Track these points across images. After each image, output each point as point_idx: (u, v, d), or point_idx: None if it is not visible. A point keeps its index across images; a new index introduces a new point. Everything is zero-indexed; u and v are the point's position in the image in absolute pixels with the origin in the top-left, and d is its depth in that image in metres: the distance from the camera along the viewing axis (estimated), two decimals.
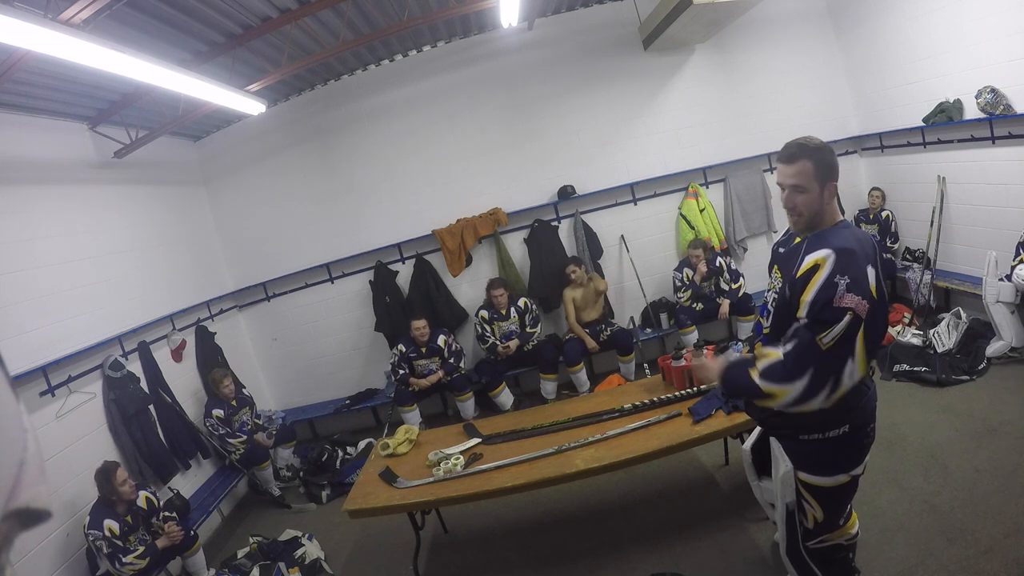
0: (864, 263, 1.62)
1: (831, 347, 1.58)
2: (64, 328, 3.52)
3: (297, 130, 5.48)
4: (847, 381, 1.60)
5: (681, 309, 5.10)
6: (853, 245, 1.65)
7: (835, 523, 1.92)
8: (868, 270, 1.61)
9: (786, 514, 1.97)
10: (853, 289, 1.57)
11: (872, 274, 1.62)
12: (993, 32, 3.82)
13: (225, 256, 5.60)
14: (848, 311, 1.56)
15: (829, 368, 1.59)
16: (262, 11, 3.52)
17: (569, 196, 5.36)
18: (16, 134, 3.54)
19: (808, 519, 1.91)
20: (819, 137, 1.77)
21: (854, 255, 1.62)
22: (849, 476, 1.80)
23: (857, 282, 1.58)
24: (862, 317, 1.57)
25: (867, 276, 1.60)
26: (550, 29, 5.32)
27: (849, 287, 1.57)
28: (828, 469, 1.80)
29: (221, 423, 4.36)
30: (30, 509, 0.42)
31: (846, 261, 1.60)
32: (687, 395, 3.07)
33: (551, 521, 3.37)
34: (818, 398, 1.61)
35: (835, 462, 1.79)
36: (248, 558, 3.51)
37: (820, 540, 1.95)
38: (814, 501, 1.86)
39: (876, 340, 1.71)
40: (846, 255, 1.61)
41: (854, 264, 1.60)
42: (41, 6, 2.31)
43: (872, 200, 5.32)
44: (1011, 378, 3.61)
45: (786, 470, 1.89)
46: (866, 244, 1.69)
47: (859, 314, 1.57)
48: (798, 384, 1.61)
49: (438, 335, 4.93)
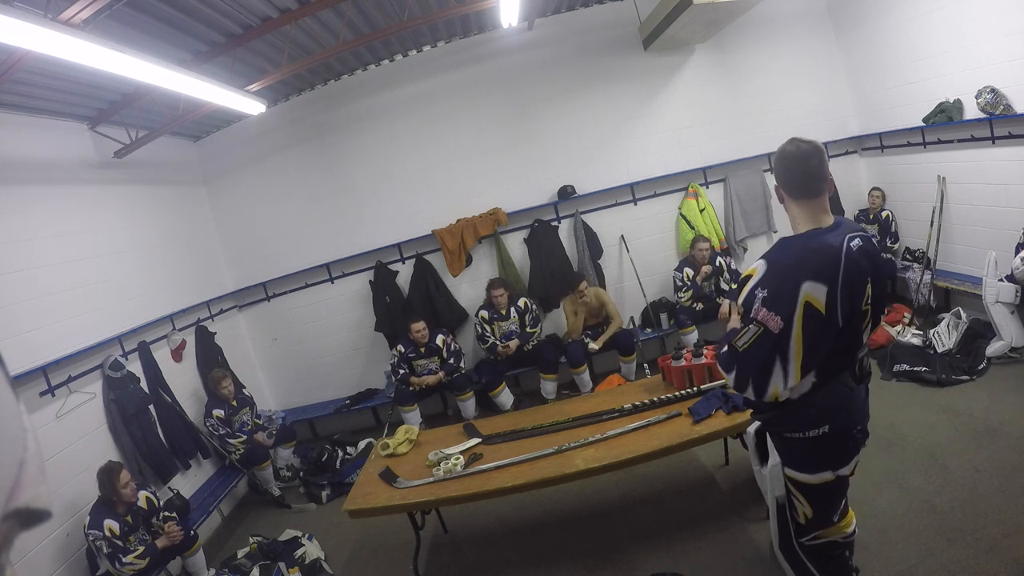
0: (799, 278, 1.58)
1: (746, 350, 1.66)
2: (64, 328, 3.52)
3: (297, 130, 5.48)
4: (777, 385, 1.64)
5: (681, 309, 5.10)
6: (791, 259, 1.64)
7: (827, 520, 1.92)
8: (803, 285, 1.57)
9: (776, 508, 1.99)
10: (767, 304, 1.61)
11: (818, 289, 1.57)
12: (993, 32, 3.82)
13: (225, 256, 5.61)
14: (757, 324, 1.62)
15: (747, 369, 1.68)
16: (262, 11, 3.52)
17: (569, 196, 5.36)
18: (16, 134, 3.54)
19: (799, 514, 1.92)
20: (814, 138, 1.74)
21: (786, 269, 1.62)
22: (834, 475, 1.80)
23: (775, 298, 1.60)
24: (772, 332, 1.60)
25: (794, 292, 1.57)
26: (550, 29, 5.32)
27: (764, 301, 1.62)
28: (811, 467, 1.81)
29: (221, 423, 4.36)
30: (30, 509, 0.42)
31: (772, 274, 1.65)
32: (687, 395, 3.07)
33: (551, 521, 3.37)
34: (748, 392, 1.70)
35: (817, 460, 1.80)
36: (248, 558, 3.51)
37: (814, 537, 1.95)
38: (802, 497, 1.88)
39: (847, 349, 1.71)
40: (775, 268, 1.65)
41: (780, 278, 1.62)
42: (41, 6, 2.31)
43: (872, 200, 5.32)
44: (1011, 378, 3.61)
45: (774, 464, 1.92)
46: (815, 259, 1.61)
47: (769, 328, 1.60)
48: (730, 376, 1.74)
49: (437, 335, 4.93)
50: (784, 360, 1.62)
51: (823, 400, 1.72)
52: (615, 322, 5.01)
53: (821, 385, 1.71)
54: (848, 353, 1.73)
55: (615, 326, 4.99)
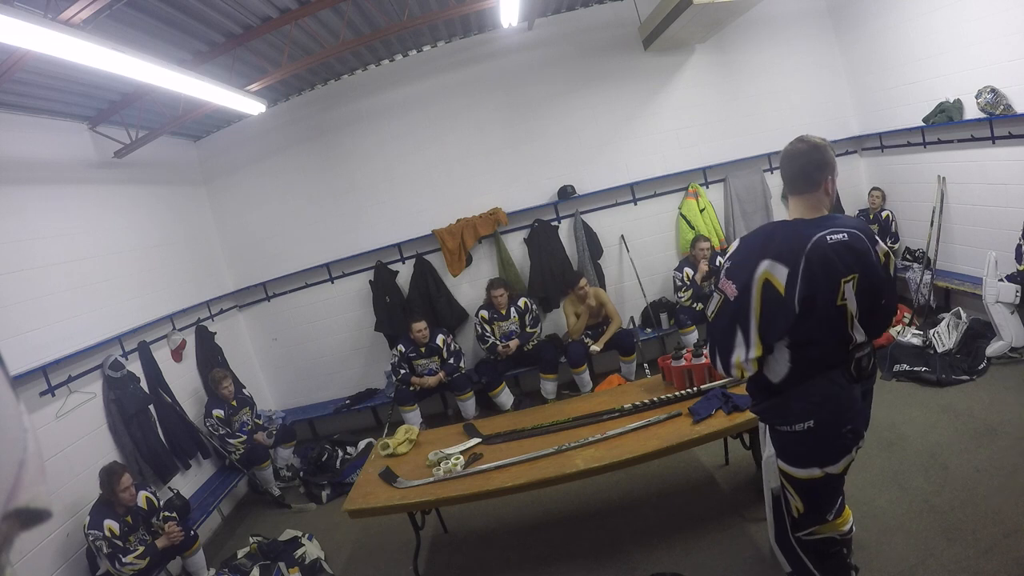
0: (760, 256, 1.70)
1: (713, 320, 1.82)
2: (64, 328, 3.52)
3: (297, 130, 5.48)
4: (739, 355, 1.74)
5: (681, 309, 5.10)
6: (759, 239, 1.78)
7: (821, 516, 1.92)
8: (763, 263, 1.69)
9: (772, 499, 2.01)
10: (728, 274, 1.78)
11: (778, 269, 1.67)
12: (993, 32, 3.82)
13: (225, 256, 5.61)
14: (719, 292, 1.79)
15: (714, 339, 1.84)
16: (262, 11, 3.52)
17: (569, 196, 5.36)
18: (16, 134, 3.54)
19: (792, 508, 1.93)
20: (816, 135, 1.83)
21: (751, 247, 1.77)
22: (822, 472, 1.81)
23: (735, 269, 1.76)
24: (729, 299, 1.75)
25: (752, 267, 1.70)
26: (550, 29, 5.32)
27: (727, 272, 1.78)
28: (799, 461, 1.84)
29: (221, 423, 4.36)
30: (30, 509, 0.42)
31: (739, 249, 1.81)
32: (687, 395, 3.07)
33: (551, 521, 3.37)
34: (717, 365, 1.83)
35: (805, 455, 1.83)
36: (248, 558, 3.51)
37: (810, 532, 1.95)
38: (792, 491, 1.90)
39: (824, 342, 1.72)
40: (744, 245, 1.81)
41: (744, 254, 1.77)
42: (41, 6, 2.31)
43: (872, 200, 5.32)
44: (1011, 378, 3.61)
45: (768, 455, 1.96)
46: (778, 241, 1.72)
47: (727, 296, 1.76)
48: (708, 352, 1.90)
49: (437, 335, 4.94)
50: (745, 331, 1.72)
51: (809, 394, 1.76)
52: (615, 322, 5.01)
53: (805, 376, 1.74)
54: (831, 347, 1.74)
55: (615, 326, 4.99)
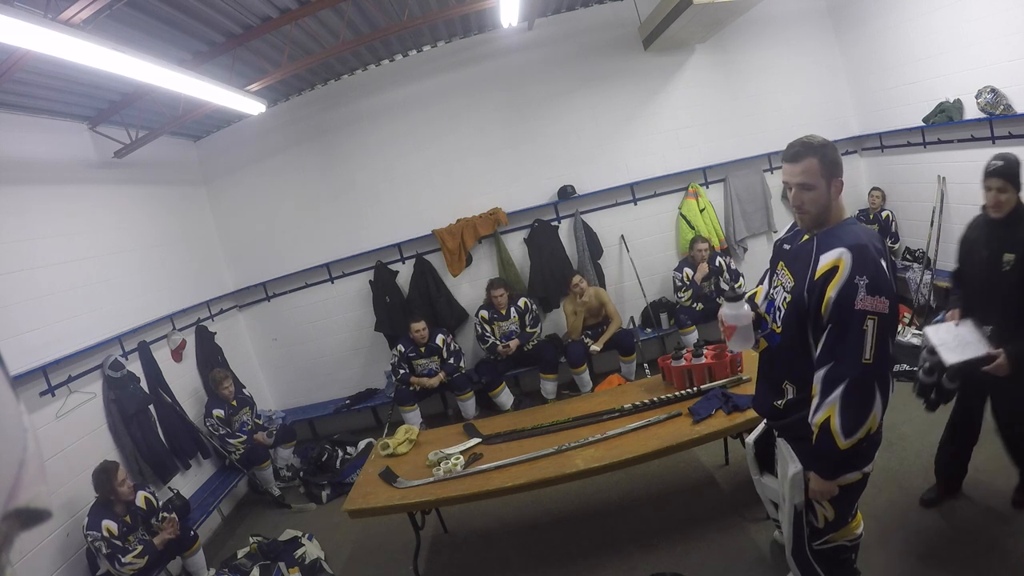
0: (878, 258, 1.61)
1: (877, 350, 1.57)
2: (64, 328, 3.52)
3: (297, 130, 5.48)
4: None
5: (681, 309, 5.10)
6: (864, 240, 1.64)
7: (844, 521, 1.91)
8: (882, 264, 1.61)
9: (794, 515, 1.93)
10: (872, 291, 1.56)
11: (885, 267, 1.63)
12: (993, 32, 3.82)
13: (225, 256, 5.60)
14: (868, 315, 1.56)
15: (885, 377, 1.60)
16: (262, 11, 3.52)
17: (569, 196, 5.36)
18: (16, 134, 3.54)
19: (818, 519, 1.89)
20: (821, 135, 1.78)
21: (867, 250, 1.61)
22: (861, 473, 1.78)
23: (876, 281, 1.57)
24: (886, 314, 1.57)
25: (884, 271, 1.60)
26: (550, 29, 5.32)
27: (869, 288, 1.56)
28: (844, 468, 1.76)
29: (221, 423, 4.35)
30: (30, 509, 0.42)
31: (862, 259, 1.59)
32: (687, 395, 3.07)
33: (551, 521, 3.37)
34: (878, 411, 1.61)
35: (853, 460, 1.74)
36: (248, 558, 3.51)
37: (825, 540, 1.94)
38: (826, 501, 1.84)
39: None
40: (860, 252, 1.60)
41: (870, 261, 1.59)
42: (41, 6, 2.31)
43: (872, 200, 5.32)
44: None
45: (796, 471, 1.85)
46: (875, 238, 1.70)
47: (882, 313, 1.56)
48: (875, 408, 1.60)
49: (437, 335, 4.94)
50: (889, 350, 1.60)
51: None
52: (615, 322, 5.01)
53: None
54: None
55: (615, 326, 4.99)
